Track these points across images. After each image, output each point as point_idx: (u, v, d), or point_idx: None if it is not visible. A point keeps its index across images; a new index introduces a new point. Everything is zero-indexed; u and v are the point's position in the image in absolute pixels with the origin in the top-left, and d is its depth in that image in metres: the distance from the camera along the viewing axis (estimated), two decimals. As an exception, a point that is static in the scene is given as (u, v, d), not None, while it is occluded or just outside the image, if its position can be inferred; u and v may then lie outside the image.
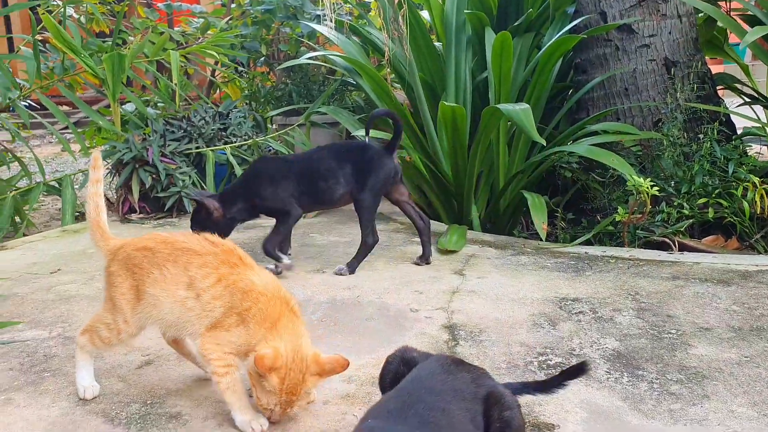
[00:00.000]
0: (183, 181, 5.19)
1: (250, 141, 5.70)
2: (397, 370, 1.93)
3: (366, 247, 3.69)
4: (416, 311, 3.05)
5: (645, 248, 3.96)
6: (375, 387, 2.20)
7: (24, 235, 4.78)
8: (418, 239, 3.85)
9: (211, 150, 5.46)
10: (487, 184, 4.94)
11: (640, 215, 3.88)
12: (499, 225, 4.79)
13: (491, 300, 3.16)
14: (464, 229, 4.32)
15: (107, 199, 5.36)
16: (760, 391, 2.25)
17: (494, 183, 4.88)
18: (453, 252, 3.97)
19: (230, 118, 5.87)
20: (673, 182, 4.19)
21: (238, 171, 5.45)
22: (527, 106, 3.84)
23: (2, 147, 5.34)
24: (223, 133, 5.72)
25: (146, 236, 2.27)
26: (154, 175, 5.14)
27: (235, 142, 5.67)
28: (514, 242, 4.23)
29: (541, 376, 2.40)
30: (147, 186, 5.09)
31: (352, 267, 3.65)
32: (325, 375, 2.07)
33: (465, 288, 3.35)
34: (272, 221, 3.67)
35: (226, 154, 5.47)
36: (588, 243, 4.13)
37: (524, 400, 2.07)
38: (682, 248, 3.94)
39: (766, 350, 2.54)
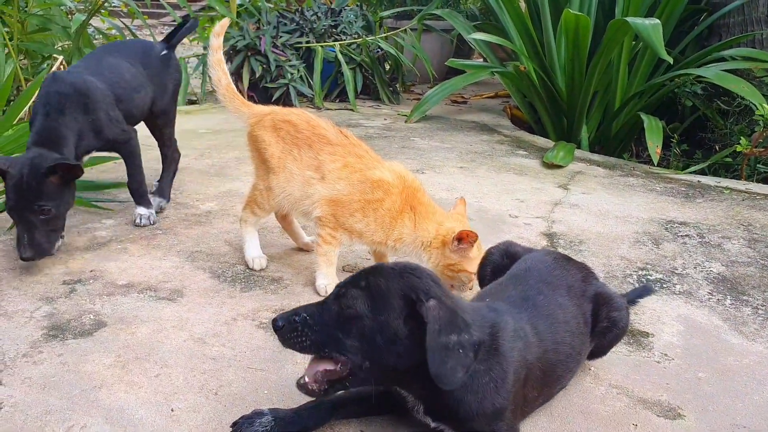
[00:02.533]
0: (291, 74, 5.30)
1: (360, 40, 5.71)
2: (500, 262, 1.96)
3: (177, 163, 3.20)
4: (515, 217, 3.08)
5: (764, 184, 3.77)
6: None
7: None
8: (523, 151, 3.80)
9: (321, 46, 5.52)
10: (601, 103, 4.78)
11: (764, 148, 3.68)
12: (608, 148, 4.67)
13: (594, 215, 3.14)
14: (572, 146, 4.25)
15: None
16: None
17: (609, 103, 4.72)
18: (559, 167, 3.92)
19: (342, 16, 5.88)
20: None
21: (346, 70, 5.50)
22: (658, 21, 3.64)
23: (122, 24, 5.54)
24: (334, 30, 5.76)
25: (293, 110, 2.37)
26: (264, 65, 5.27)
27: (345, 40, 5.70)
28: (623, 164, 4.13)
29: (639, 289, 2.41)
30: (257, 75, 5.24)
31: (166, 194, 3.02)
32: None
33: (568, 201, 3.33)
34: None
35: (335, 51, 5.52)
36: (702, 173, 3.98)
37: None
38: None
39: None
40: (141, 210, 2.76)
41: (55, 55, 4.28)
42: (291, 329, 1.41)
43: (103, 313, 2.04)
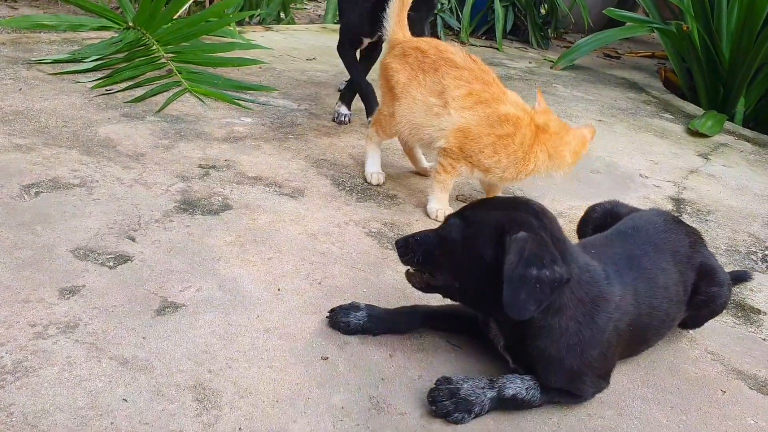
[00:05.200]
0: (442, 3, 5.26)
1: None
2: (602, 221, 1.91)
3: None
4: (646, 177, 2.98)
5: None
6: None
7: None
8: (669, 115, 3.62)
9: (478, -20, 5.42)
10: (766, 77, 4.40)
11: None
12: (765, 126, 4.32)
13: (730, 188, 2.98)
14: (723, 117, 3.98)
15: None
16: None
17: (775, 78, 4.34)
18: (704, 136, 3.71)
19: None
20: None
21: (498, 6, 5.38)
22: None
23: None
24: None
25: (424, 38, 2.40)
26: (417, -5, 5.27)
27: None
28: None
29: (761, 267, 2.29)
30: (409, 4, 5.25)
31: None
32: None
33: (705, 170, 3.16)
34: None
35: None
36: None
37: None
38: None
39: None
40: None
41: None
42: (405, 247, 1.53)
43: (231, 198, 2.23)
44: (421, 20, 3.02)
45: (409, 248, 1.52)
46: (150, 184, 2.24)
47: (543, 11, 6.13)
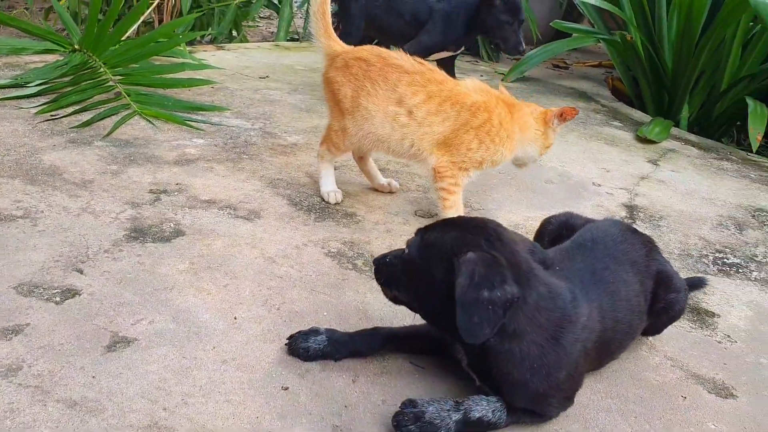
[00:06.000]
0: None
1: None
2: (559, 233, 1.91)
3: None
4: (598, 186, 3.02)
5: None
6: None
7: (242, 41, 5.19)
8: (618, 122, 3.68)
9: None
10: (707, 83, 4.52)
11: None
12: (708, 130, 4.44)
13: (680, 193, 3.04)
14: (670, 123, 4.08)
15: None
16: None
17: (716, 84, 4.46)
18: (652, 142, 3.78)
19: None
20: None
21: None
22: (782, -1, 3.40)
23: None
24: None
25: (364, 47, 2.39)
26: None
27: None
28: (720, 148, 3.94)
29: (712, 270, 2.34)
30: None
31: None
32: None
33: (655, 176, 3.23)
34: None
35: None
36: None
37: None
38: None
39: None
40: None
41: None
42: (378, 266, 1.57)
43: (183, 223, 2.17)
44: (514, 30, 3.62)
45: (379, 267, 1.56)
46: (98, 212, 2.17)
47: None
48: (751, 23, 4.22)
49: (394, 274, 1.53)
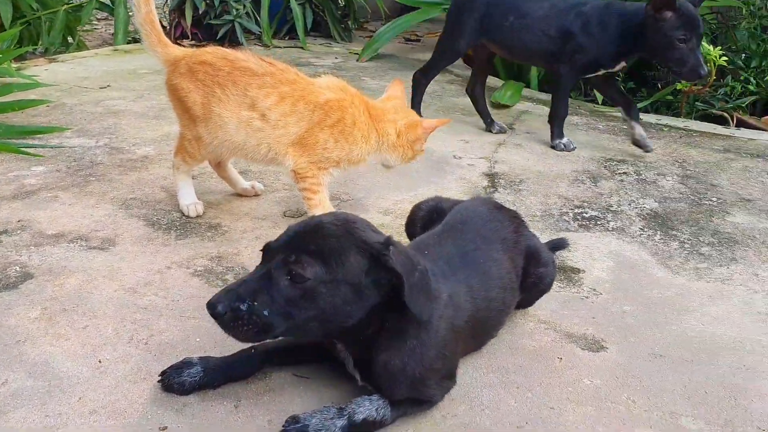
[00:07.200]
0: (237, 9, 5.12)
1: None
2: (430, 218, 1.92)
3: None
4: (459, 158, 3.09)
5: (701, 121, 3.85)
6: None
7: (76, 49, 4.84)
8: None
9: (268, -20, 5.33)
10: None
11: (703, 86, 3.73)
12: (556, 86, 4.66)
13: (536, 154, 3.17)
14: (521, 86, 4.24)
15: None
16: (790, 261, 2.28)
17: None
18: (506, 107, 3.92)
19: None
20: (743, 55, 3.97)
21: (294, 5, 5.35)
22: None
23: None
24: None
25: (207, 49, 2.27)
26: (207, 1, 5.08)
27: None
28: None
29: (573, 226, 2.46)
30: (200, 12, 5.04)
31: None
32: None
33: (512, 141, 3.35)
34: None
35: (282, -15, 5.35)
36: (644, 111, 4.02)
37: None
38: (740, 124, 3.82)
39: (806, 226, 2.54)
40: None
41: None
42: (234, 317, 1.33)
43: (30, 265, 2.00)
44: (691, 49, 2.86)
45: (239, 318, 1.33)
46: (-73, 268, 1.95)
47: (341, 2, 6.17)
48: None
49: (277, 315, 1.33)
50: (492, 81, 4.53)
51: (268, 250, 1.41)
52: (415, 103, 3.51)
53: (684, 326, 1.90)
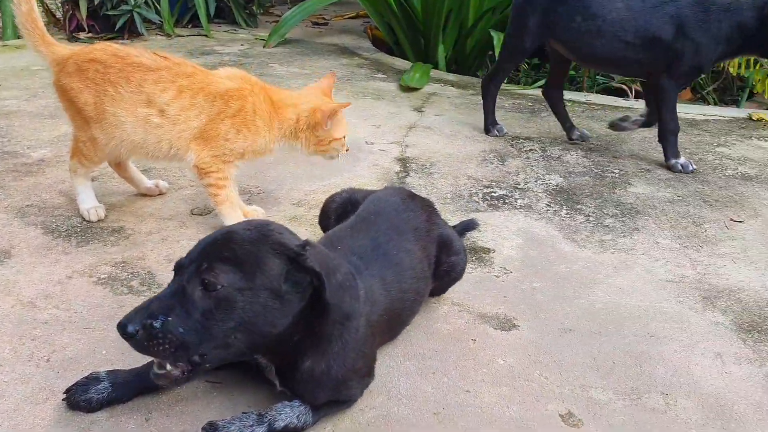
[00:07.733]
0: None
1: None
2: (344, 210, 1.91)
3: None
4: (371, 144, 3.08)
5: (602, 94, 3.99)
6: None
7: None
8: (381, 74, 3.76)
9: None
10: (456, 22, 4.78)
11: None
12: (464, 66, 4.73)
13: (446, 136, 3.20)
14: (429, 67, 4.26)
15: (53, 15, 5.08)
16: (685, 227, 2.40)
17: (463, 21, 4.73)
18: (415, 89, 3.94)
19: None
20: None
21: (195, -6, 5.18)
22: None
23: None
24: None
25: (96, 46, 2.16)
26: (104, -10, 4.85)
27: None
28: (476, 83, 4.20)
29: (483, 207, 2.50)
30: (96, 2, 4.81)
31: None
32: None
33: (422, 124, 3.36)
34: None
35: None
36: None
37: (465, 226, 2.19)
38: (639, 96, 3.97)
39: (697, 191, 2.67)
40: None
41: None
42: (148, 337, 1.24)
43: None
44: None
45: (153, 337, 1.24)
46: None
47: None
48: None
49: (194, 331, 1.25)
50: (401, 63, 4.55)
51: (179, 267, 1.34)
52: (489, 112, 3.22)
53: (591, 299, 1.97)
